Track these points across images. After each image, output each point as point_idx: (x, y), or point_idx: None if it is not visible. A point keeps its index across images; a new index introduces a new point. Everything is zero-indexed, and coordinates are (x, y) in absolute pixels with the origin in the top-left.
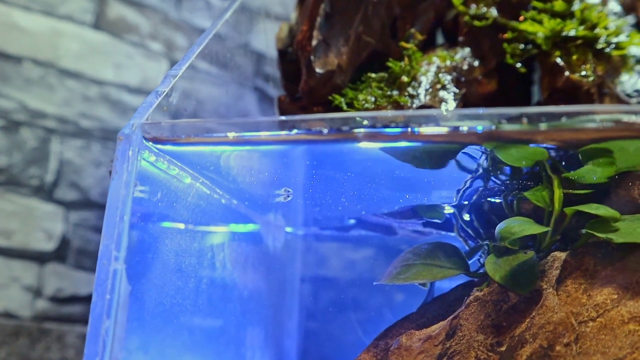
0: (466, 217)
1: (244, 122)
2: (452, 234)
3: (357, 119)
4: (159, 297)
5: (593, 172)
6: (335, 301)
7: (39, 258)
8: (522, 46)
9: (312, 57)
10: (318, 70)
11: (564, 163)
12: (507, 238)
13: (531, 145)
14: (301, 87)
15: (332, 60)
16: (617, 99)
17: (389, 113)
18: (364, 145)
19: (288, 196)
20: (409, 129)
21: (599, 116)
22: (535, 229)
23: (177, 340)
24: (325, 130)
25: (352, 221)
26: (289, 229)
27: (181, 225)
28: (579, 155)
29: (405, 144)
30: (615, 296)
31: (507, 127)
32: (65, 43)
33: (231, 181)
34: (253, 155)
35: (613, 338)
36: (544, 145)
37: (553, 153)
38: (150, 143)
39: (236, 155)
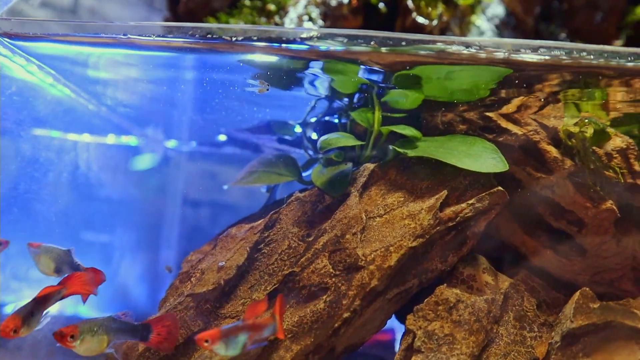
0: (314, 135)
1: (98, 25)
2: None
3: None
4: (10, 183)
5: (404, 96)
6: (211, 211)
7: None
8: None
9: None
10: None
11: (384, 88)
12: (325, 148)
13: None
14: (180, 8)
15: None
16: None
17: (242, 26)
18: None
19: (266, 88)
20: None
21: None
22: (349, 141)
23: (28, 224)
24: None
25: (222, 137)
26: (169, 144)
27: (38, 121)
28: (394, 81)
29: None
30: (402, 199)
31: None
32: None
33: (100, 87)
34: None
35: (391, 230)
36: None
37: (376, 79)
38: (7, 40)
39: (105, 61)
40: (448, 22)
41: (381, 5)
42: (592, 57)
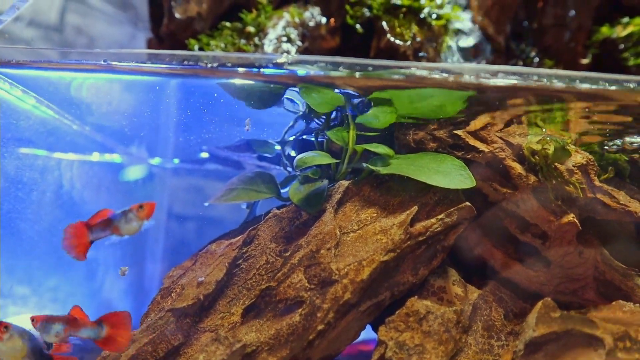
0: (292, 153)
1: (78, 52)
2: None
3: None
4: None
5: (377, 116)
6: (197, 226)
7: None
8: (365, 10)
9: (172, 3)
10: (178, 15)
11: (359, 109)
12: (300, 166)
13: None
14: (162, 30)
15: (193, 7)
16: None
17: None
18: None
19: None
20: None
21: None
22: (324, 160)
23: (13, 243)
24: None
25: (204, 155)
26: (153, 161)
27: (23, 141)
28: (370, 102)
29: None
30: (375, 214)
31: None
32: None
33: (84, 109)
34: (103, 85)
35: (364, 245)
36: (344, 90)
37: (352, 100)
38: None
39: (89, 85)
40: (422, 43)
41: (357, 26)
42: (544, 80)
